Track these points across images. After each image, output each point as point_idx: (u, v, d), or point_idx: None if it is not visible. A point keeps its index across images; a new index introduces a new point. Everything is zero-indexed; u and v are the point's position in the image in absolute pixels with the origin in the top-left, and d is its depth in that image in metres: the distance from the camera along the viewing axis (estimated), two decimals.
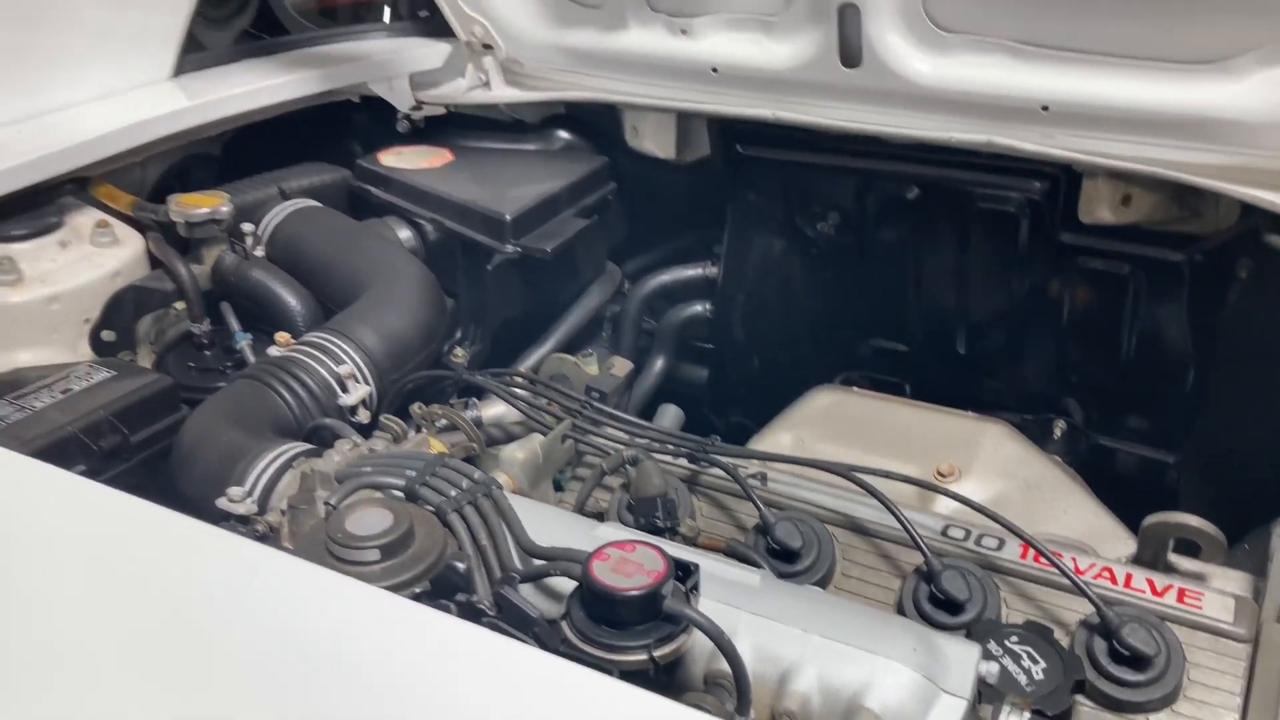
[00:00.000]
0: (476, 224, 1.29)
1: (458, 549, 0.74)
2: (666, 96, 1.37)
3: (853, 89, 1.23)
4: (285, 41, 1.51)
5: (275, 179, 1.34)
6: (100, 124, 1.24)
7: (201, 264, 1.18)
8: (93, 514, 0.66)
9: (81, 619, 0.56)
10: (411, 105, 1.48)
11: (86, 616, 0.56)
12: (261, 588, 0.59)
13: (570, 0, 1.38)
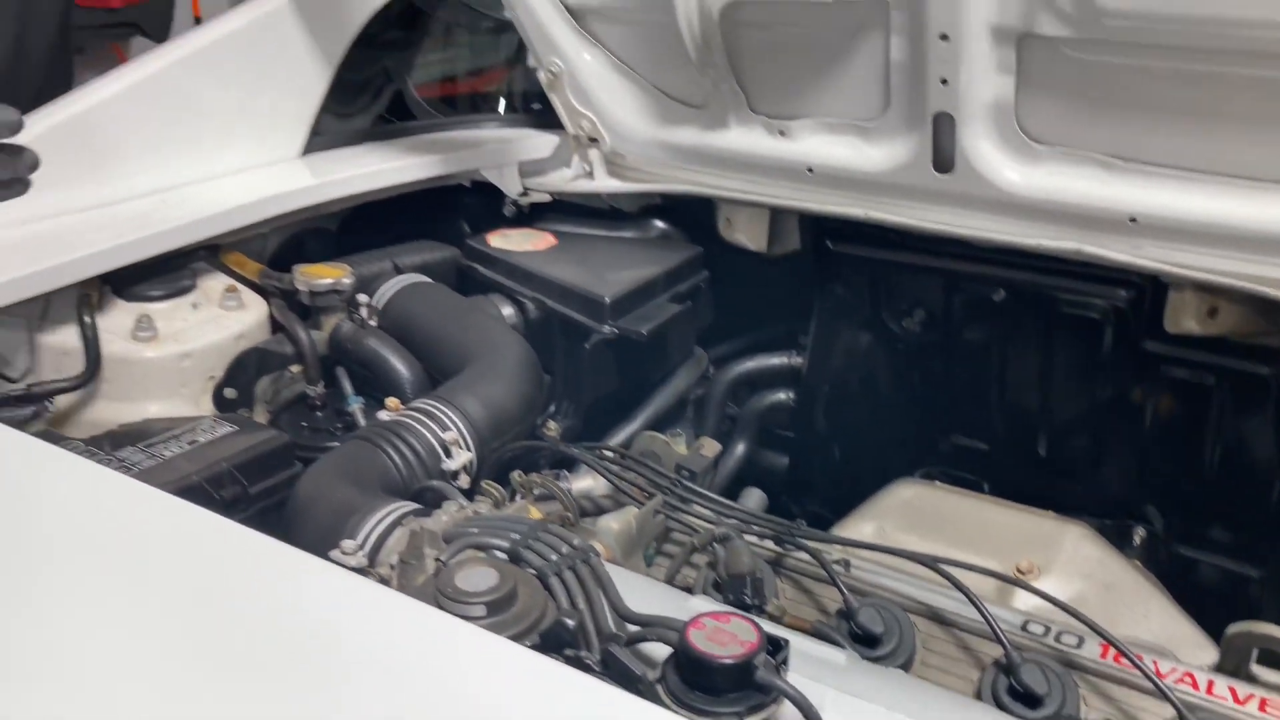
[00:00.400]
0: (577, 305, 1.36)
1: (558, 610, 0.78)
2: (762, 192, 1.44)
3: (944, 193, 1.27)
4: (407, 127, 1.61)
5: (390, 254, 1.42)
6: (234, 197, 1.34)
7: (320, 330, 1.26)
8: (220, 547, 0.72)
9: (206, 642, 0.61)
10: (519, 191, 1.56)
11: (211, 640, 0.61)
12: (381, 627, 0.63)
13: (674, 100, 1.46)
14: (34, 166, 0.81)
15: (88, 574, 0.67)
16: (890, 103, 1.26)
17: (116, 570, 0.68)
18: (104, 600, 0.65)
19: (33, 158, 0.80)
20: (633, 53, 1.47)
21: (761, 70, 1.35)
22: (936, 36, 1.16)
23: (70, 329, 1.17)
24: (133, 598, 0.65)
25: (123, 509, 0.77)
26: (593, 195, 1.59)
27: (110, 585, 0.67)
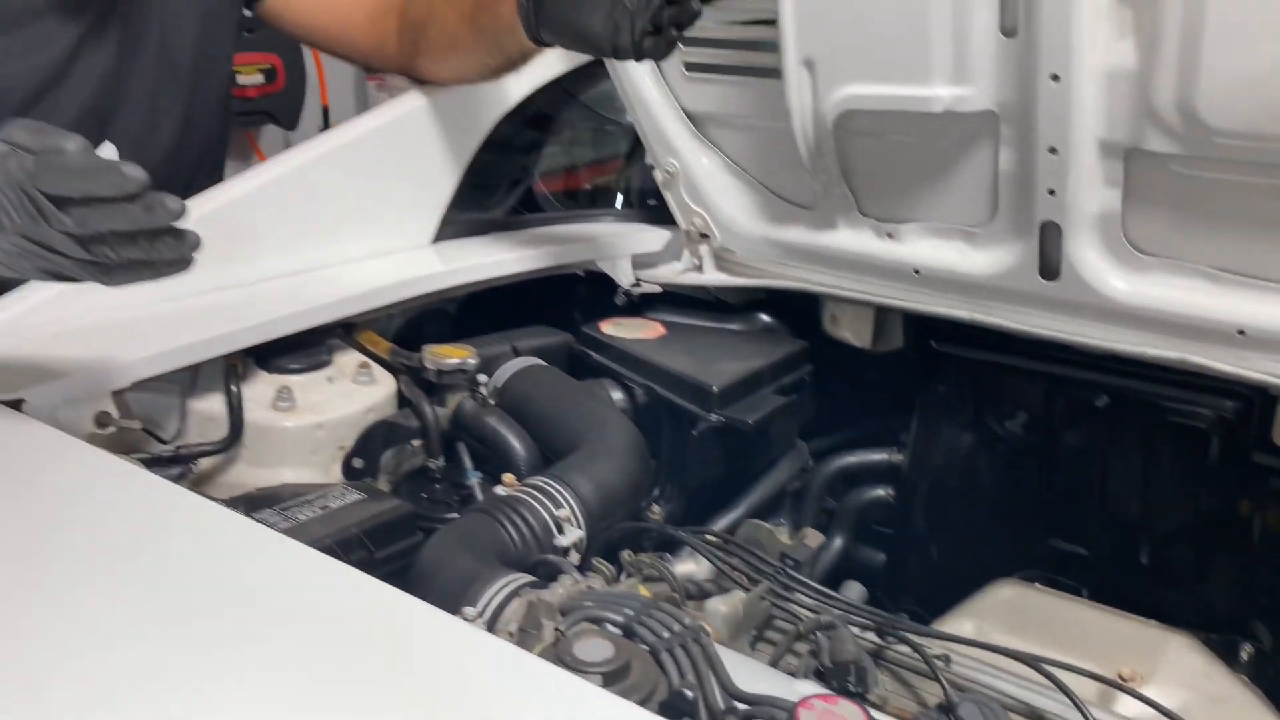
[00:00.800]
0: (685, 393, 1.41)
1: (670, 684, 0.81)
2: (868, 291, 1.48)
3: (1049, 299, 1.31)
4: (529, 219, 1.70)
5: (508, 338, 1.50)
6: (369, 281, 1.43)
7: (444, 407, 1.33)
8: (359, 599, 0.77)
9: (348, 688, 0.66)
10: (631, 282, 1.64)
11: (351, 687, 0.66)
12: (512, 682, 0.68)
13: (784, 200, 1.53)
14: (196, 246, 0.89)
15: (238, 618, 0.74)
16: (998, 210, 1.31)
17: (265, 618, 0.75)
18: (253, 642, 0.71)
19: (195, 239, 0.88)
20: (746, 155, 1.55)
21: (872, 175, 1.41)
22: (1045, 150, 1.21)
23: (217, 397, 1.26)
24: (279, 641, 0.71)
25: (268, 561, 0.84)
26: (701, 288, 1.65)
27: (257, 631, 0.73)
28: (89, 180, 0.79)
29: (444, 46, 1.45)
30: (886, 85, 1.28)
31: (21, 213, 0.81)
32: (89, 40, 1.35)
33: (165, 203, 0.81)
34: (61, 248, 0.83)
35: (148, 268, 0.85)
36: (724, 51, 1.45)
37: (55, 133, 0.83)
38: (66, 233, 0.81)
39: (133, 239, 0.82)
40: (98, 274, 0.86)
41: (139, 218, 0.81)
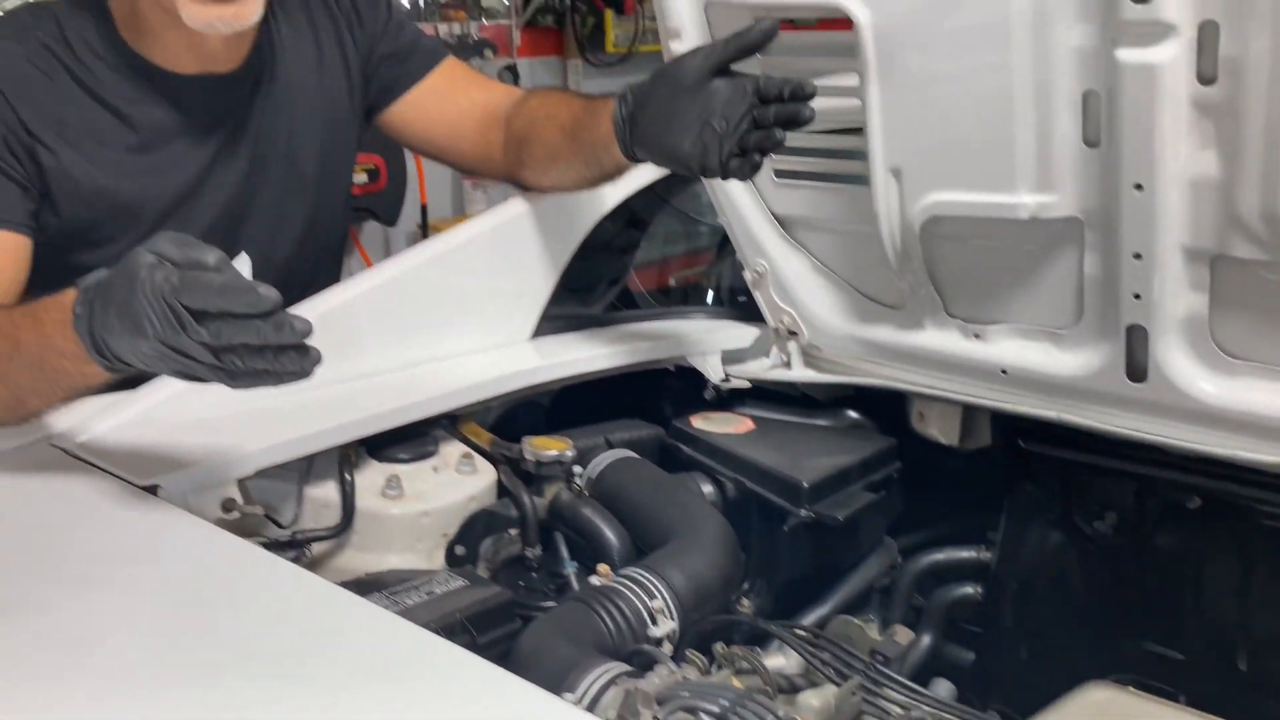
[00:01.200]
0: (774, 487, 1.44)
1: None
2: (955, 390, 1.51)
3: (1138, 401, 1.32)
4: (623, 315, 1.77)
5: (602, 430, 1.55)
6: (472, 375, 1.50)
7: (542, 497, 1.38)
8: (468, 679, 0.82)
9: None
10: (721, 378, 1.68)
11: None
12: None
13: (872, 301, 1.57)
14: (318, 362, 0.96)
15: (354, 694, 0.79)
16: (1084, 313, 1.33)
17: (379, 695, 0.80)
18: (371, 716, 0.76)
19: (317, 355, 0.95)
20: (834, 257, 1.60)
21: (958, 277, 1.45)
22: (1130, 255, 1.24)
23: (331, 484, 1.33)
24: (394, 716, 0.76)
25: (382, 639, 0.89)
26: (790, 384, 1.69)
27: (373, 707, 0.78)
28: (228, 298, 0.87)
29: (545, 159, 1.54)
30: (972, 193, 1.32)
31: (164, 322, 0.89)
32: (222, 156, 1.47)
33: (294, 323, 0.88)
34: (196, 355, 0.90)
35: (271, 376, 0.93)
36: (812, 159, 1.52)
37: (197, 246, 0.91)
38: (202, 343, 0.89)
39: (260, 352, 0.90)
40: (225, 379, 0.94)
41: (269, 334, 0.88)
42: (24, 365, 1.06)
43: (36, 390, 1.08)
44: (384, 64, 1.60)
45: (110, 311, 0.91)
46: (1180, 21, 1.09)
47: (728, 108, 1.25)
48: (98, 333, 0.93)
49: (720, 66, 1.27)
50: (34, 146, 1.33)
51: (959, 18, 1.25)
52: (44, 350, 1.03)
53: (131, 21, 1.40)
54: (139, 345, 0.91)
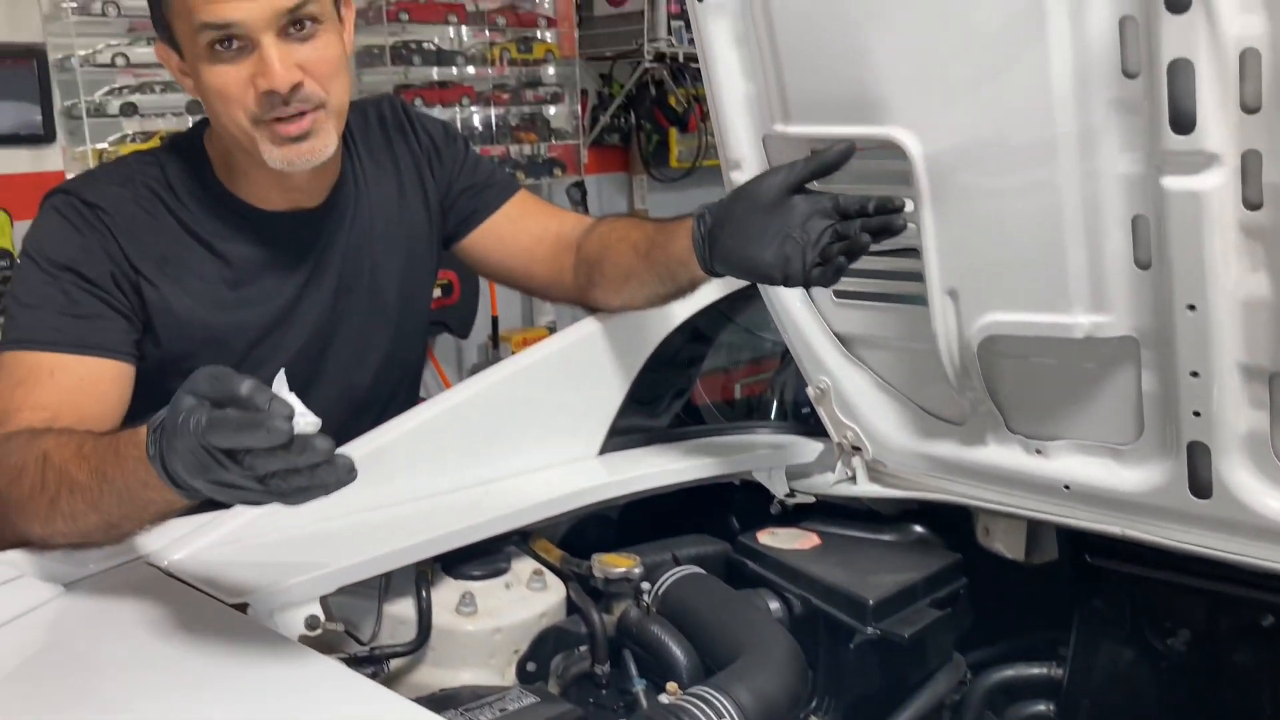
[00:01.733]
0: (841, 604, 1.46)
1: None
2: (1019, 505, 1.52)
3: (1204, 517, 1.32)
4: (690, 431, 1.82)
5: (669, 546, 1.59)
6: (543, 491, 1.55)
7: (610, 614, 1.41)
8: None
9: None
10: (786, 493, 1.71)
11: None
12: None
13: (934, 417, 1.59)
14: (351, 469, 0.97)
15: None
16: (1144, 430, 1.35)
17: None
18: None
19: (348, 462, 0.95)
20: (895, 373, 1.63)
21: (1018, 394, 1.47)
22: (1187, 373, 1.25)
23: (407, 601, 1.38)
24: None
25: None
26: (855, 499, 1.71)
27: None
28: (245, 435, 0.91)
29: (618, 279, 1.61)
30: (1028, 313, 1.36)
31: (203, 462, 0.94)
32: (308, 288, 1.56)
33: (314, 444, 0.92)
34: (243, 485, 0.95)
35: (318, 489, 0.96)
36: (870, 280, 1.56)
37: (230, 379, 0.93)
38: (243, 475, 0.94)
39: (296, 472, 0.94)
40: (279, 499, 0.98)
41: (294, 460, 0.92)
42: (112, 495, 1.12)
43: (126, 516, 1.15)
44: (461, 197, 1.70)
45: (171, 449, 0.97)
46: (1223, 151, 1.13)
47: (808, 222, 1.33)
48: (169, 466, 0.99)
49: (798, 185, 1.35)
50: (139, 282, 1.43)
51: (1007, 145, 1.29)
52: (128, 481, 1.09)
53: (225, 164, 1.51)
54: (197, 482, 0.97)
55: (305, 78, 1.37)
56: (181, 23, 1.36)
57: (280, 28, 1.35)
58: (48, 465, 1.16)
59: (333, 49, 1.41)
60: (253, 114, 1.37)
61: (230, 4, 1.32)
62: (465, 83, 4.47)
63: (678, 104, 4.94)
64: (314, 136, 1.41)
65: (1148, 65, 1.14)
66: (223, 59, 1.35)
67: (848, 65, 1.35)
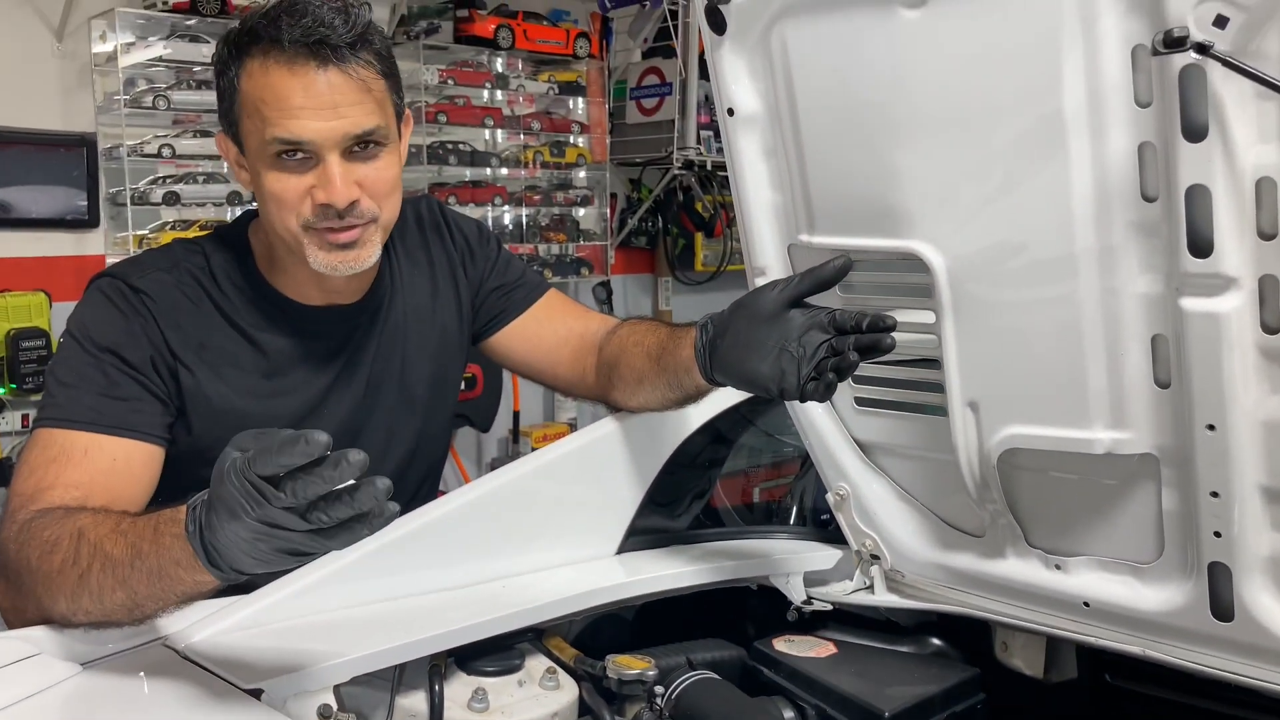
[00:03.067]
0: (856, 715, 1.44)
1: None
2: (1038, 621, 1.50)
3: (1226, 640, 1.30)
4: (708, 533, 1.82)
5: (684, 649, 1.58)
6: (559, 589, 1.55)
7: (623, 717, 1.40)
8: None
9: None
10: (803, 599, 1.70)
11: None
12: None
13: (953, 528, 1.59)
14: (389, 489, 0.99)
15: None
16: (1164, 549, 1.34)
17: None
18: None
19: (385, 482, 0.98)
20: (915, 483, 1.64)
21: (1037, 508, 1.47)
22: (1207, 493, 1.26)
23: (420, 694, 1.37)
24: None
25: None
26: (872, 608, 1.70)
27: None
28: (285, 453, 0.94)
29: (633, 381, 1.63)
30: (1048, 427, 1.37)
31: (249, 498, 0.97)
32: (340, 380, 1.60)
33: (349, 457, 0.95)
34: (287, 524, 0.97)
35: (360, 522, 0.98)
36: (891, 389, 1.58)
37: (271, 432, 0.98)
38: (287, 508, 0.96)
39: (339, 498, 0.96)
40: (321, 541, 0.99)
41: (332, 476, 0.95)
42: (143, 573, 1.14)
43: (152, 595, 1.16)
44: (492, 296, 1.75)
45: (213, 513, 1.00)
46: (1240, 275, 1.15)
47: (804, 336, 1.34)
48: (208, 541, 1.02)
49: (796, 299, 1.37)
50: (177, 368, 1.47)
51: (1028, 261, 1.32)
52: (162, 559, 1.11)
53: (267, 257, 1.56)
54: (239, 533, 0.98)
55: (362, 195, 1.43)
56: (251, 124, 1.43)
57: (345, 148, 1.42)
58: (82, 540, 1.18)
59: (391, 169, 1.47)
60: (305, 220, 1.43)
61: (304, 124, 1.38)
62: (498, 183, 4.59)
63: (704, 210, 5.05)
64: (360, 247, 1.46)
65: (1166, 190, 1.17)
66: (286, 167, 1.42)
67: (872, 179, 1.39)
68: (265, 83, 1.39)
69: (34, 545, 1.22)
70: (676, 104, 4.74)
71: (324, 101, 1.39)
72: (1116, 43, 1.16)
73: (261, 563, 1.03)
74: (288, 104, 1.38)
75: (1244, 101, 1.10)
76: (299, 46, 1.38)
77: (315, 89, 1.38)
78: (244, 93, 1.42)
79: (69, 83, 3.60)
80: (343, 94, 1.40)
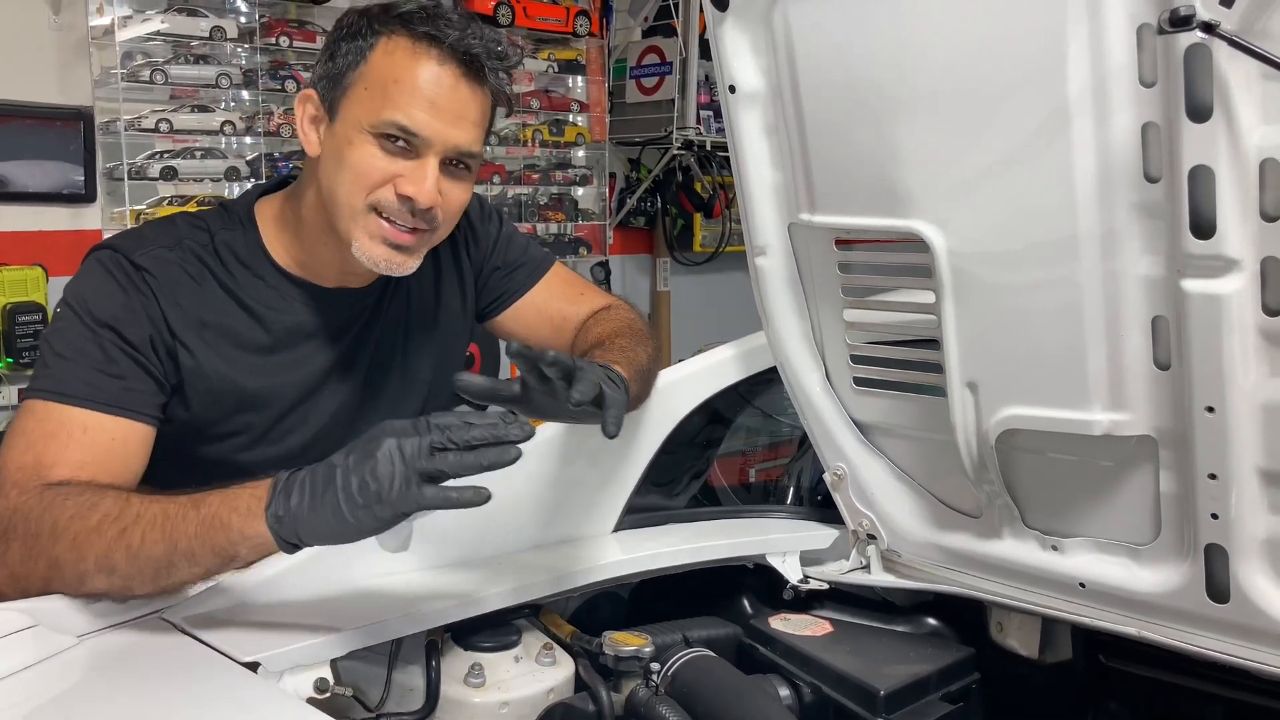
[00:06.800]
0: (851, 694, 1.44)
1: None
2: (1033, 602, 1.51)
3: (1221, 622, 1.31)
4: (705, 512, 1.82)
5: (681, 627, 1.58)
6: (557, 566, 1.56)
7: (619, 693, 1.40)
8: None
9: None
10: (799, 578, 1.71)
11: None
12: None
13: (950, 508, 1.60)
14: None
15: None
16: (1161, 530, 1.34)
17: None
18: None
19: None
20: (912, 463, 1.64)
21: (1035, 489, 1.47)
22: (1205, 475, 1.26)
23: (416, 669, 1.37)
24: None
25: None
26: (868, 587, 1.71)
27: None
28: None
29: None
30: (1047, 408, 1.37)
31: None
32: (344, 360, 1.59)
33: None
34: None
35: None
36: (891, 369, 1.58)
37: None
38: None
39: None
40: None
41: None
42: (194, 522, 1.18)
43: (189, 552, 1.19)
44: (494, 276, 1.75)
45: (315, 473, 1.15)
46: (1243, 257, 1.15)
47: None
48: (292, 482, 1.16)
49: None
50: (175, 347, 1.46)
51: (1030, 242, 1.32)
52: (221, 508, 1.18)
53: (278, 235, 1.55)
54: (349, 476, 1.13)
55: (438, 205, 1.45)
56: (368, 95, 1.42)
57: (446, 158, 1.44)
58: (130, 501, 1.22)
59: (467, 194, 1.51)
60: (375, 201, 1.44)
61: (428, 120, 1.40)
62: (496, 161, 4.57)
63: (703, 190, 5.03)
64: (410, 254, 1.49)
65: (1169, 171, 1.17)
66: (384, 148, 1.42)
67: (874, 159, 1.39)
68: (407, 65, 1.41)
69: (65, 507, 1.22)
70: (676, 83, 4.72)
71: (453, 108, 1.42)
72: (1122, 21, 1.15)
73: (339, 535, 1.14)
74: (420, 95, 1.40)
75: (1249, 82, 1.10)
76: (457, 51, 1.41)
77: (451, 94, 1.41)
78: (374, 64, 1.42)
79: (66, 56, 3.57)
80: (469, 110, 1.44)
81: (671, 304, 5.29)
